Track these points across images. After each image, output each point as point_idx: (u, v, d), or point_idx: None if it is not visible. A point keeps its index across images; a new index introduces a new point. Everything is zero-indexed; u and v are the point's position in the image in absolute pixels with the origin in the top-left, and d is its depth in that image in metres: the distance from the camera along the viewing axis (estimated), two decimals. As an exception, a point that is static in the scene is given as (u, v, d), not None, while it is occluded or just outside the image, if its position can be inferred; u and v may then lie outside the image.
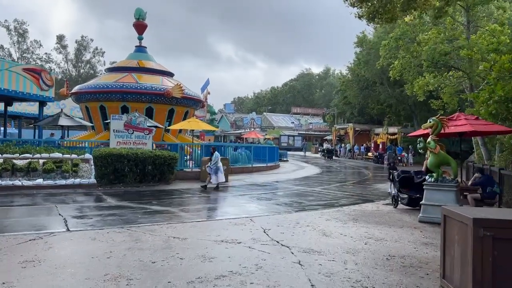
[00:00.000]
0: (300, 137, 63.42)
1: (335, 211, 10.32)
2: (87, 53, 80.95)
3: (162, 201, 11.05)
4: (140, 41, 26.73)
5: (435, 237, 7.46)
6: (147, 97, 22.91)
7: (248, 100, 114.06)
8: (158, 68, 25.79)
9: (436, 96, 19.09)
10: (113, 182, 13.72)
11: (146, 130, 15.94)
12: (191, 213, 9.38)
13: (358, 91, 38.75)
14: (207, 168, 13.99)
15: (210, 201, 11.72)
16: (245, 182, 16.89)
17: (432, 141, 9.21)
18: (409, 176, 11.15)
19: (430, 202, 9.01)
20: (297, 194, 13.57)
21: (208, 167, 13.96)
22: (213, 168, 13.73)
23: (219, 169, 13.78)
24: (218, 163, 13.79)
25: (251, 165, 22.29)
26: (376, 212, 10.31)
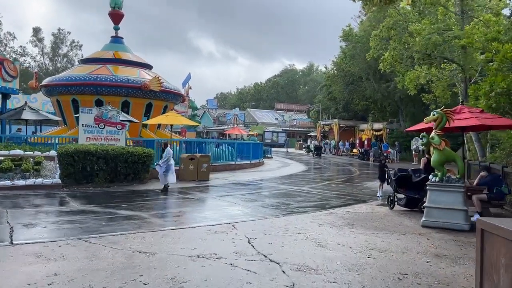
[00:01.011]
0: (284, 133, 62.45)
1: (327, 214, 9.28)
2: (64, 46, 78.15)
3: (133, 204, 9.81)
4: (116, 31, 25.25)
5: (446, 247, 6.47)
6: (123, 90, 21.49)
7: (231, 96, 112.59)
8: (135, 60, 24.35)
9: (428, 90, 18.24)
10: (80, 182, 12.37)
11: (119, 124, 14.60)
12: (164, 219, 8.18)
13: (344, 86, 37.87)
14: (157, 167, 12.39)
15: (187, 203, 10.53)
16: (227, 181, 15.73)
17: (436, 136, 8.23)
18: (407, 175, 10.18)
19: (434, 204, 8.04)
20: (284, 194, 12.49)
21: (157, 166, 12.34)
22: (163, 167, 12.11)
23: (170, 169, 12.16)
24: (169, 161, 12.17)
25: (234, 163, 21.13)
26: (372, 215, 9.30)
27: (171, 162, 12.28)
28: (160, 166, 12.14)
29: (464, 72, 15.54)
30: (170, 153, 12.33)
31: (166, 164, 12.11)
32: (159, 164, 12.24)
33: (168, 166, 12.13)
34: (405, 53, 16.47)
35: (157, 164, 12.40)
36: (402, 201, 10.17)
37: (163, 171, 12.07)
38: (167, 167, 12.10)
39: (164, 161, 12.14)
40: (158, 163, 12.33)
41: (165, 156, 12.23)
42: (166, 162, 12.11)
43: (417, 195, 9.88)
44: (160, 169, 12.14)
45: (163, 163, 12.13)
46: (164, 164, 12.10)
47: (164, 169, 12.06)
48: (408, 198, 10.01)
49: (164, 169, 12.06)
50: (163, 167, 12.08)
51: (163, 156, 12.35)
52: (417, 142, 32.52)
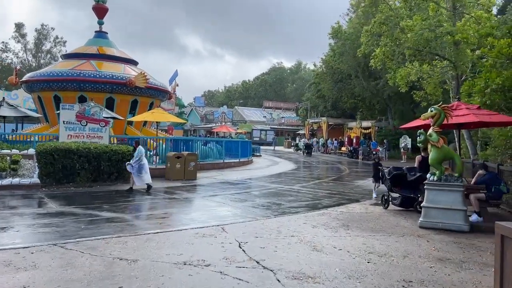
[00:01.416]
0: (273, 131, 62.15)
1: (320, 214, 8.89)
2: (47, 42, 76.45)
3: (116, 205, 9.28)
4: (101, 26, 24.52)
5: (448, 250, 6.12)
6: (107, 86, 20.84)
7: (219, 94, 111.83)
8: (120, 56, 23.68)
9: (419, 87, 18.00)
10: (61, 182, 11.77)
11: (102, 121, 14.00)
12: (148, 221, 7.69)
13: (333, 84, 37.60)
14: (128, 166, 11.51)
15: (173, 204, 10.03)
16: (216, 180, 15.26)
17: (434, 133, 7.89)
18: (402, 173, 9.85)
19: (432, 204, 7.70)
20: (274, 193, 12.07)
21: (129, 166, 11.47)
22: (135, 166, 11.33)
23: (143, 168, 11.41)
24: (141, 160, 11.40)
25: (222, 161, 20.65)
26: (367, 215, 8.95)
27: (144, 161, 11.53)
28: (132, 166, 11.38)
29: (455, 69, 15.32)
30: (142, 152, 11.57)
31: (138, 163, 11.38)
32: (131, 163, 11.43)
33: (140, 165, 11.39)
34: (396, 50, 16.19)
35: (128, 164, 11.55)
36: (397, 200, 9.84)
37: (135, 171, 11.33)
38: (139, 166, 11.37)
39: (135, 160, 11.37)
40: (130, 163, 11.51)
41: (136, 155, 11.44)
42: (138, 162, 11.38)
43: (412, 194, 9.57)
44: (131, 169, 11.39)
45: (135, 163, 11.36)
46: (136, 164, 11.36)
47: (136, 169, 11.33)
48: (403, 198, 9.68)
49: (137, 169, 11.33)
50: (135, 167, 11.34)
51: (134, 155, 11.52)
52: (406, 140, 32.48)
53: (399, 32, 15.82)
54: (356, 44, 31.56)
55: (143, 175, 11.41)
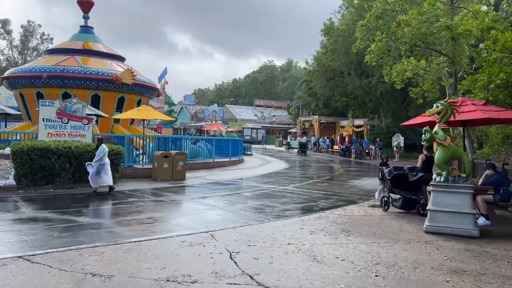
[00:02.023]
0: (264, 129, 61.56)
1: (317, 218, 8.27)
2: (34, 39, 74.92)
3: (96, 208, 8.56)
4: (86, 20, 23.63)
5: (461, 259, 5.54)
6: (92, 83, 20.00)
7: (210, 92, 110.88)
8: (106, 51, 22.83)
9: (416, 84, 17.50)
10: (39, 184, 11.00)
11: (85, 119, 13.22)
12: (130, 228, 6.98)
13: (325, 81, 37.07)
14: (88, 167, 10.46)
15: (159, 207, 9.32)
16: (205, 180, 14.57)
17: (440, 130, 7.32)
18: (403, 174, 9.28)
19: (439, 207, 7.13)
20: (267, 194, 11.43)
21: (89, 166, 10.43)
22: (95, 166, 10.30)
23: (104, 168, 10.39)
24: (103, 160, 10.39)
25: (212, 160, 19.97)
26: (367, 219, 8.36)
27: (106, 161, 10.55)
28: (92, 166, 10.37)
29: (453, 65, 14.83)
30: (104, 150, 10.53)
31: (99, 163, 10.38)
32: (91, 164, 10.42)
33: (101, 166, 10.39)
34: (393, 45, 15.65)
35: (88, 164, 10.50)
36: (398, 202, 9.28)
37: (94, 171, 10.30)
38: (99, 167, 10.36)
39: (96, 160, 10.37)
40: (90, 163, 10.48)
41: (98, 154, 10.43)
42: (99, 161, 10.39)
43: (414, 196, 9.01)
44: (91, 169, 10.36)
45: (95, 163, 10.34)
46: (96, 164, 10.36)
47: (96, 170, 10.31)
48: (405, 199, 9.13)
49: (96, 170, 10.32)
50: (95, 167, 10.33)
51: (96, 154, 10.50)
52: (399, 139, 32.09)
53: (396, 26, 15.27)
54: (349, 41, 31.07)
55: (102, 177, 10.38)
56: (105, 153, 10.57)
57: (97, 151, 10.59)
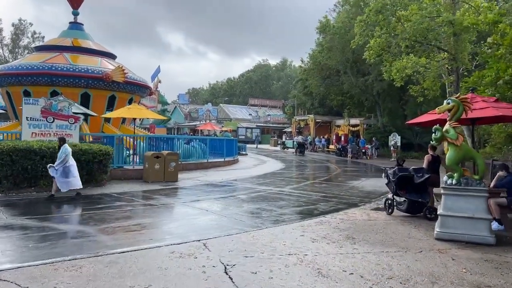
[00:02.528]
0: (259, 129, 60.97)
1: (318, 223, 7.71)
2: (25, 38, 73.92)
3: (80, 214, 7.94)
4: (76, 16, 22.92)
5: (481, 271, 4.99)
6: (82, 81, 19.30)
7: (204, 91, 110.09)
8: (96, 48, 22.11)
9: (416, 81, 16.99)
10: (21, 186, 10.34)
11: (71, 118, 12.57)
12: (115, 236, 6.37)
13: (320, 80, 36.54)
14: (50, 169, 9.56)
15: (148, 212, 8.69)
16: (198, 181, 13.97)
17: (451, 129, 6.78)
18: (408, 175, 8.74)
19: (451, 212, 6.59)
20: (263, 197, 10.85)
21: (51, 169, 9.54)
22: (59, 169, 9.47)
23: (70, 171, 9.57)
24: (67, 162, 9.55)
25: (206, 161, 19.37)
26: (371, 224, 7.81)
27: (71, 162, 9.70)
28: (55, 169, 9.53)
29: (455, 62, 14.33)
30: (67, 151, 9.66)
31: (63, 165, 9.55)
32: (53, 166, 9.54)
33: (66, 168, 9.57)
34: (392, 41, 15.13)
35: (51, 167, 9.60)
36: (403, 205, 8.74)
37: (59, 174, 9.49)
38: (64, 169, 9.55)
39: (59, 162, 9.51)
40: (52, 165, 9.59)
41: (60, 155, 9.56)
42: (62, 163, 9.56)
43: (420, 199, 8.48)
44: (55, 172, 9.53)
45: (59, 165, 9.49)
46: (60, 166, 9.53)
47: (60, 173, 9.49)
48: (410, 202, 8.59)
49: (61, 172, 9.51)
50: (59, 170, 9.51)
51: (58, 156, 9.62)
52: (395, 138, 31.63)
53: (395, 21, 14.75)
54: (345, 39, 30.59)
55: (70, 180, 9.59)
56: (68, 153, 9.70)
57: (59, 152, 9.70)
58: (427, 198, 8.51)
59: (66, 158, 9.63)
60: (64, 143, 9.89)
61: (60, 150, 9.70)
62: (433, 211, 8.31)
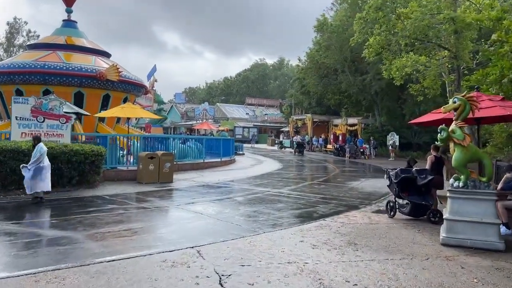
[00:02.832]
0: (256, 128, 60.63)
1: (318, 227, 7.39)
2: (20, 36, 73.13)
3: (68, 218, 7.57)
4: (69, 14, 22.49)
5: (493, 281, 4.68)
6: (75, 79, 18.90)
7: (201, 90, 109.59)
8: (90, 47, 21.70)
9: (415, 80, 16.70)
10: (9, 189, 9.97)
11: (63, 117, 12.19)
12: (104, 243, 6.02)
13: (318, 79, 36.21)
14: (23, 169, 9.10)
15: (141, 216, 8.34)
16: (194, 182, 13.62)
17: (458, 129, 6.48)
18: (411, 177, 8.43)
19: (458, 216, 6.28)
20: (261, 199, 10.52)
21: (24, 169, 9.08)
22: (32, 169, 8.96)
23: (41, 173, 9.04)
24: (41, 162, 9.08)
25: (202, 161, 19.01)
26: (373, 228, 7.49)
27: (45, 163, 9.22)
28: (28, 169, 9.05)
29: (456, 60, 14.04)
30: (42, 150, 9.15)
31: (35, 165, 9.07)
32: (27, 166, 9.07)
33: (38, 168, 9.08)
34: (392, 39, 14.83)
35: (24, 167, 9.14)
36: (406, 208, 8.43)
37: (30, 175, 8.99)
38: (36, 170, 9.05)
39: (33, 162, 9.04)
40: (25, 165, 9.13)
41: (34, 155, 9.09)
42: (36, 163, 9.08)
43: (423, 202, 8.17)
44: (27, 173, 9.03)
45: (32, 165, 9.00)
46: (33, 166, 9.06)
47: (32, 173, 9.00)
48: (413, 205, 8.27)
49: (32, 173, 9.01)
50: (32, 170, 9.02)
51: (32, 155, 9.15)
52: (394, 138, 31.35)
53: (395, 19, 14.44)
54: (343, 37, 30.31)
55: (37, 182, 9.06)
56: (43, 153, 9.23)
57: (33, 151, 9.24)
58: (431, 201, 8.21)
59: (41, 157, 9.17)
60: (39, 142, 9.42)
61: (35, 149, 9.24)
62: (437, 214, 8.02)
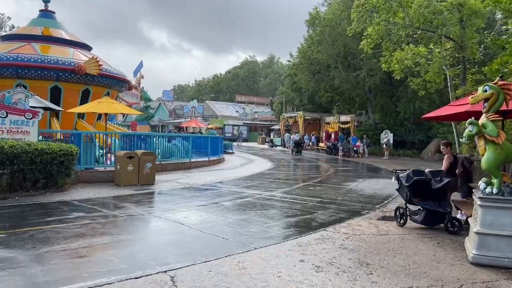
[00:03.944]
0: (246, 126, 59.42)
1: (319, 240, 6.23)
2: (2, 32, 70.89)
3: (19, 231, 6.28)
4: (46, 4, 21.10)
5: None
6: (51, 73, 17.52)
7: (190, 88, 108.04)
8: (69, 38, 20.28)
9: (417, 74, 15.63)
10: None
11: (29, 112, 10.85)
12: (52, 266, 4.75)
13: (310, 75, 35.08)
14: None
15: (109, 227, 7.07)
16: (178, 184, 12.38)
17: (489, 123, 5.37)
18: (425, 179, 7.32)
19: (492, 229, 5.16)
20: (251, 204, 9.33)
21: None
22: None
23: None
24: None
25: (189, 160, 17.77)
26: (384, 240, 6.35)
27: None
28: None
29: (462, 51, 12.99)
30: None
31: None
32: None
33: None
34: (393, 28, 13.72)
35: None
36: (419, 216, 7.30)
37: None
38: None
39: None
40: None
41: None
42: None
43: (440, 209, 7.04)
44: None
45: None
46: None
47: None
48: (428, 212, 7.16)
49: None
50: None
51: None
52: (388, 136, 30.37)
53: (397, 5, 13.32)
54: (336, 32, 29.24)
55: None
56: None
57: None
58: (448, 207, 7.09)
59: None
60: None
61: None
62: (455, 223, 6.92)
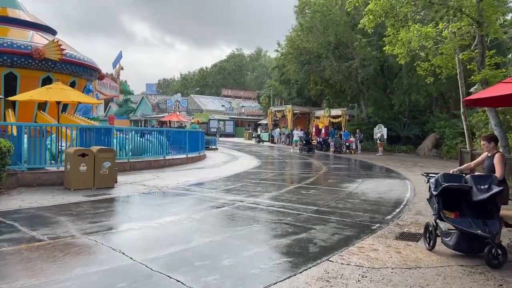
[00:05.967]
0: (232, 121, 57.28)
1: (324, 280, 4.22)
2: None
3: None
4: (5, -20, 18.56)
5: None
6: (4, 58, 15.26)
7: (175, 82, 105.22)
8: (29, 20, 17.91)
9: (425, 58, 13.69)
10: None
11: None
12: None
13: (299, 66, 33.05)
14: None
15: (12, 259, 4.93)
16: (143, 187, 10.26)
17: None
18: (461, 187, 5.34)
19: None
20: (229, 216, 7.26)
21: None
22: None
23: None
24: None
25: (163, 157, 15.64)
26: (416, 278, 4.35)
27: None
28: None
29: (481, 29, 11.07)
30: None
31: None
32: None
33: None
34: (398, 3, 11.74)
35: None
36: (450, 238, 5.28)
37: None
38: None
39: None
40: None
41: None
42: None
43: (479, 230, 4.92)
44: None
45: None
46: None
47: None
48: (461, 235, 5.13)
49: None
50: None
51: None
52: (381, 130, 28.60)
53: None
54: (327, 18, 27.26)
55: None
56: None
57: None
58: (494, 229, 5.03)
59: None
60: None
61: None
62: (499, 253, 4.87)
